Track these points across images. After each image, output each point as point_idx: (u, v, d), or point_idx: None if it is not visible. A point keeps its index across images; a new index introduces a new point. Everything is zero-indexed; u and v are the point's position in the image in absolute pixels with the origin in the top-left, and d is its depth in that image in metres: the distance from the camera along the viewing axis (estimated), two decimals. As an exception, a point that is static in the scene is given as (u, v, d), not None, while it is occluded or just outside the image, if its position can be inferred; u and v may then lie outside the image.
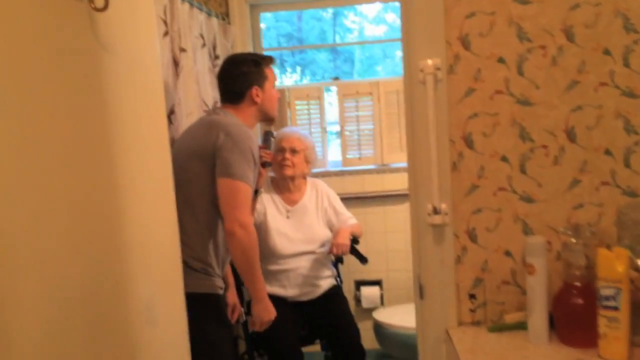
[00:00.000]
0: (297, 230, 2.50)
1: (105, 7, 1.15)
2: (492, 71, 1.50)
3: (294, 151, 2.49)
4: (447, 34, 1.49)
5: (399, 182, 3.10)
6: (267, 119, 2.08)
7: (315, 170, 3.10)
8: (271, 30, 7.83)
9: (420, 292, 1.54)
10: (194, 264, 1.81)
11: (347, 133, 3.08)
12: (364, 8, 8.14)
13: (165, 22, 2.14)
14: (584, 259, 1.39)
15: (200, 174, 1.82)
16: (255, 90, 1.97)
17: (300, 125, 3.08)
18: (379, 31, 8.32)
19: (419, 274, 1.55)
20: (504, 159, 1.51)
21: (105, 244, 1.18)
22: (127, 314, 1.25)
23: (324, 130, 3.14)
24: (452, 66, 1.50)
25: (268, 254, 2.46)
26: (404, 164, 3.09)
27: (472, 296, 1.52)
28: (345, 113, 3.07)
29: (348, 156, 3.10)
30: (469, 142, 1.52)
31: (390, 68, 7.60)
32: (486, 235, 1.53)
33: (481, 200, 1.53)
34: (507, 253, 1.53)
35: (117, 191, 1.26)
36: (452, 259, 1.53)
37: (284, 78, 7.67)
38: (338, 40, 8.26)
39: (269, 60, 2.05)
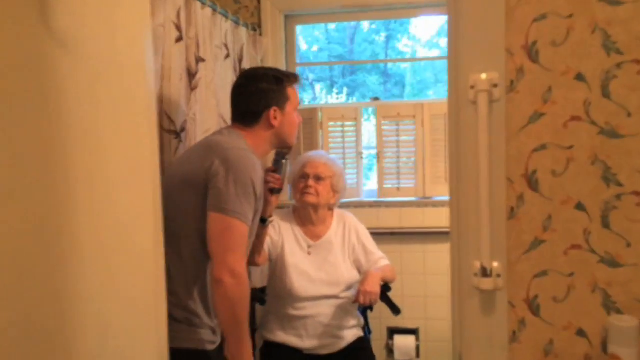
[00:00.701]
0: (320, 269, 2.16)
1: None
2: (567, 90, 1.14)
3: (318, 178, 2.16)
4: (508, 41, 1.16)
5: (442, 218, 2.73)
6: (284, 146, 1.78)
7: (346, 200, 2.76)
8: (323, 51, 7.70)
9: (461, 377, 1.18)
10: (175, 313, 1.50)
11: (385, 160, 2.74)
12: (417, 31, 7.89)
13: (178, 27, 1.88)
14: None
15: (190, 205, 1.52)
16: (273, 112, 1.67)
17: (332, 149, 2.76)
18: (432, 55, 8.02)
19: (461, 353, 1.18)
20: (580, 206, 1.15)
21: (40, 291, 0.89)
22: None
23: (359, 156, 2.81)
24: (513, 82, 1.16)
25: (284, 295, 2.13)
26: (448, 197, 2.73)
27: (530, 389, 1.15)
28: (384, 137, 2.73)
29: (385, 186, 2.75)
30: (532, 183, 1.16)
31: (442, 93, 7.26)
32: (553, 307, 1.16)
33: (547, 260, 1.17)
34: (581, 333, 1.15)
35: (75, 225, 0.98)
36: (506, 336, 1.16)
37: (329, 98, 7.45)
38: (390, 64, 8.00)
39: (293, 78, 1.75)
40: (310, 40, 7.73)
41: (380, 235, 2.73)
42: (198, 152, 1.60)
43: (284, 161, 1.86)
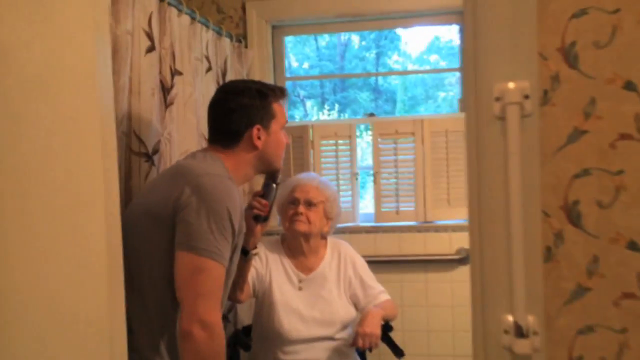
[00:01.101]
0: (312, 307, 1.92)
1: None
2: (614, 102, 0.93)
3: (310, 204, 1.93)
4: (540, 43, 0.95)
5: (445, 244, 2.51)
6: (269, 170, 1.55)
7: (340, 225, 2.53)
8: (314, 68, 7.58)
9: None
10: None
11: (382, 181, 2.51)
12: (407, 47, 7.80)
13: (149, 36, 1.66)
14: None
15: (155, 242, 1.29)
16: (257, 131, 1.45)
17: (325, 169, 2.53)
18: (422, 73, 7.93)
19: None
20: (633, 246, 0.93)
21: None
22: None
23: (354, 176, 2.59)
24: (547, 93, 0.95)
25: (272, 336, 1.88)
26: (452, 221, 2.51)
27: None
28: (381, 157, 2.51)
29: (383, 209, 2.52)
30: (574, 216, 0.95)
31: (433, 109, 7.15)
32: (603, 373, 0.93)
33: (594, 312, 0.94)
34: (639, 405, 0.92)
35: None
36: (545, 411, 0.93)
37: (320, 115, 7.28)
38: (380, 80, 7.91)
39: (280, 92, 1.52)
40: (301, 57, 7.64)
41: (378, 264, 2.50)
42: (166, 179, 1.37)
43: (274, 185, 1.63)
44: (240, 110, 1.43)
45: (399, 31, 7.29)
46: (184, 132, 1.91)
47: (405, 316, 2.54)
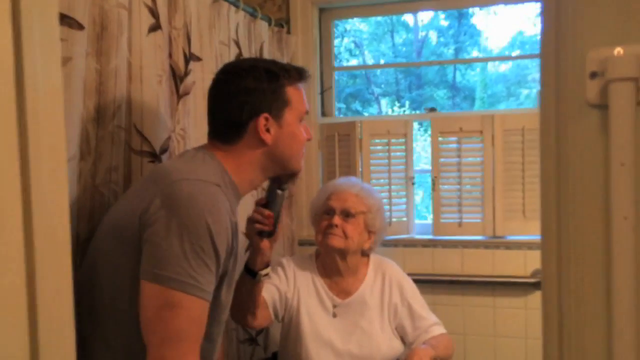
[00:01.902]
0: (348, 338, 1.59)
1: None
2: None
3: (347, 214, 1.60)
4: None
5: (518, 264, 2.09)
6: (285, 173, 1.23)
7: (392, 236, 2.18)
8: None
9: None
10: None
11: (442, 187, 2.14)
12: (488, 43, 7.30)
13: (152, 12, 1.39)
14: None
15: (118, 267, 1.02)
16: (264, 121, 1.13)
17: (375, 172, 2.18)
18: (503, 68, 7.45)
19: None
20: None
21: None
22: None
23: (409, 181, 2.22)
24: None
25: (299, 373, 1.58)
26: (527, 236, 2.09)
27: None
28: (441, 158, 2.13)
29: (443, 220, 2.14)
30: None
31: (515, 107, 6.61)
32: None
33: None
34: None
35: None
36: None
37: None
38: (458, 77, 7.46)
39: (296, 73, 1.19)
40: (377, 55, 7.35)
41: (436, 284, 2.15)
42: (137, 186, 1.10)
43: (279, 191, 1.31)
44: (243, 94, 1.12)
45: (480, 26, 6.80)
46: (203, 127, 1.63)
47: (468, 347, 2.16)
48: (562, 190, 0.64)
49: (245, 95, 1.12)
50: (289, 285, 1.63)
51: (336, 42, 6.97)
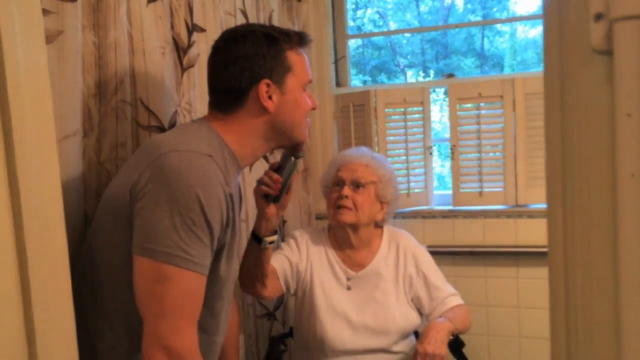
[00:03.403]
0: (363, 311, 1.56)
1: None
2: None
3: (357, 185, 1.56)
4: None
5: (541, 233, 2.00)
6: (289, 143, 1.18)
7: (411, 208, 2.13)
8: (415, 35, 7.10)
9: None
10: None
11: (462, 156, 2.07)
12: (517, 7, 7.05)
13: (151, -19, 1.36)
14: None
15: (113, 242, 1.01)
16: (265, 87, 1.09)
17: (391, 143, 2.12)
18: (533, 33, 7.22)
19: None
20: None
21: None
22: None
23: (427, 151, 2.16)
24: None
25: (314, 346, 1.57)
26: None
27: None
28: (459, 126, 2.06)
29: (462, 190, 2.08)
30: None
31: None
32: None
33: None
34: None
35: None
36: None
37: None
38: (487, 44, 7.25)
39: (298, 38, 1.14)
40: (402, 25, 7.20)
41: (457, 255, 2.11)
42: (132, 159, 1.07)
43: (292, 158, 1.26)
44: (242, 60, 1.07)
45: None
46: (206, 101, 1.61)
47: (491, 319, 2.11)
48: (567, 147, 0.59)
49: (244, 61, 1.08)
50: (302, 257, 1.61)
51: (359, 13, 6.82)
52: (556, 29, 0.58)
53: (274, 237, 1.38)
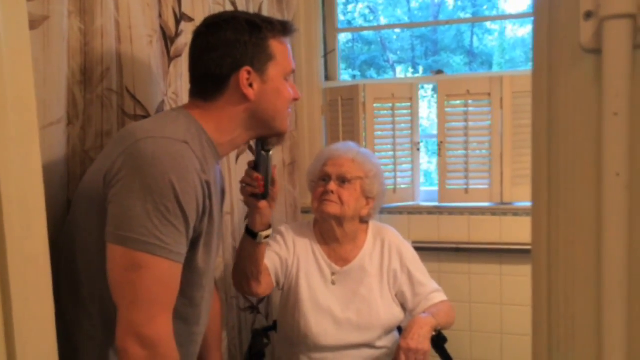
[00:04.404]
0: (347, 306, 1.57)
1: None
2: None
3: (343, 180, 1.56)
4: None
5: (526, 231, 2.02)
6: (270, 133, 1.17)
7: (397, 204, 2.14)
8: (405, 31, 7.11)
9: None
10: None
11: (448, 152, 2.08)
12: (507, 6, 7.08)
13: (139, -32, 1.34)
14: None
15: (88, 230, 0.99)
16: (246, 75, 1.07)
17: (379, 138, 2.13)
18: (522, 32, 7.26)
19: None
20: None
21: None
22: None
23: (415, 147, 2.17)
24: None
25: (297, 340, 1.56)
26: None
27: None
28: (447, 122, 2.06)
29: (448, 187, 2.09)
30: None
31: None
32: None
33: None
34: None
35: None
36: None
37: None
38: (476, 42, 7.27)
39: (281, 26, 1.13)
40: (392, 20, 7.20)
41: (442, 252, 2.12)
42: (108, 147, 1.06)
43: (264, 153, 1.25)
44: (223, 47, 1.06)
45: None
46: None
47: (474, 315, 2.13)
48: (554, 145, 0.59)
49: (225, 48, 1.07)
50: (289, 252, 1.60)
51: (350, 7, 6.79)
52: (546, 27, 0.58)
53: (269, 232, 1.37)
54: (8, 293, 0.73)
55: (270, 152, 1.24)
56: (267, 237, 1.37)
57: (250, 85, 1.08)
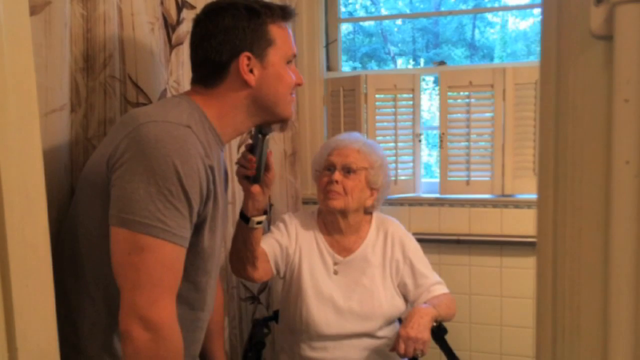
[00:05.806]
0: (349, 296, 1.57)
1: None
2: None
3: (348, 170, 1.55)
4: None
5: (527, 223, 2.04)
6: (272, 118, 1.16)
7: (398, 195, 2.14)
8: (406, 23, 7.08)
9: None
10: None
11: (450, 144, 2.07)
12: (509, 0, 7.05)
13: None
14: None
15: (91, 215, 1.00)
16: (246, 60, 1.07)
17: (380, 129, 2.12)
18: (524, 25, 7.22)
19: None
20: None
21: None
22: None
23: (416, 138, 2.16)
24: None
25: (299, 329, 1.57)
26: (536, 195, 2.03)
27: None
28: (449, 114, 2.06)
29: (450, 179, 2.09)
30: None
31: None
32: None
33: None
34: None
35: None
36: None
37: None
38: (477, 35, 7.24)
39: (280, 11, 1.12)
40: (394, 12, 7.17)
41: (443, 243, 2.12)
42: (111, 132, 1.06)
43: (260, 136, 1.24)
44: (222, 33, 1.06)
45: (502, -20, 6.57)
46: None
47: (474, 307, 2.14)
48: (561, 132, 0.59)
49: (224, 34, 1.06)
50: (291, 241, 1.60)
51: (351, -1, 6.76)
52: (555, 13, 0.58)
53: (262, 218, 1.36)
54: (8, 280, 0.72)
55: (267, 137, 1.23)
56: (259, 222, 1.37)
57: (251, 71, 1.08)
